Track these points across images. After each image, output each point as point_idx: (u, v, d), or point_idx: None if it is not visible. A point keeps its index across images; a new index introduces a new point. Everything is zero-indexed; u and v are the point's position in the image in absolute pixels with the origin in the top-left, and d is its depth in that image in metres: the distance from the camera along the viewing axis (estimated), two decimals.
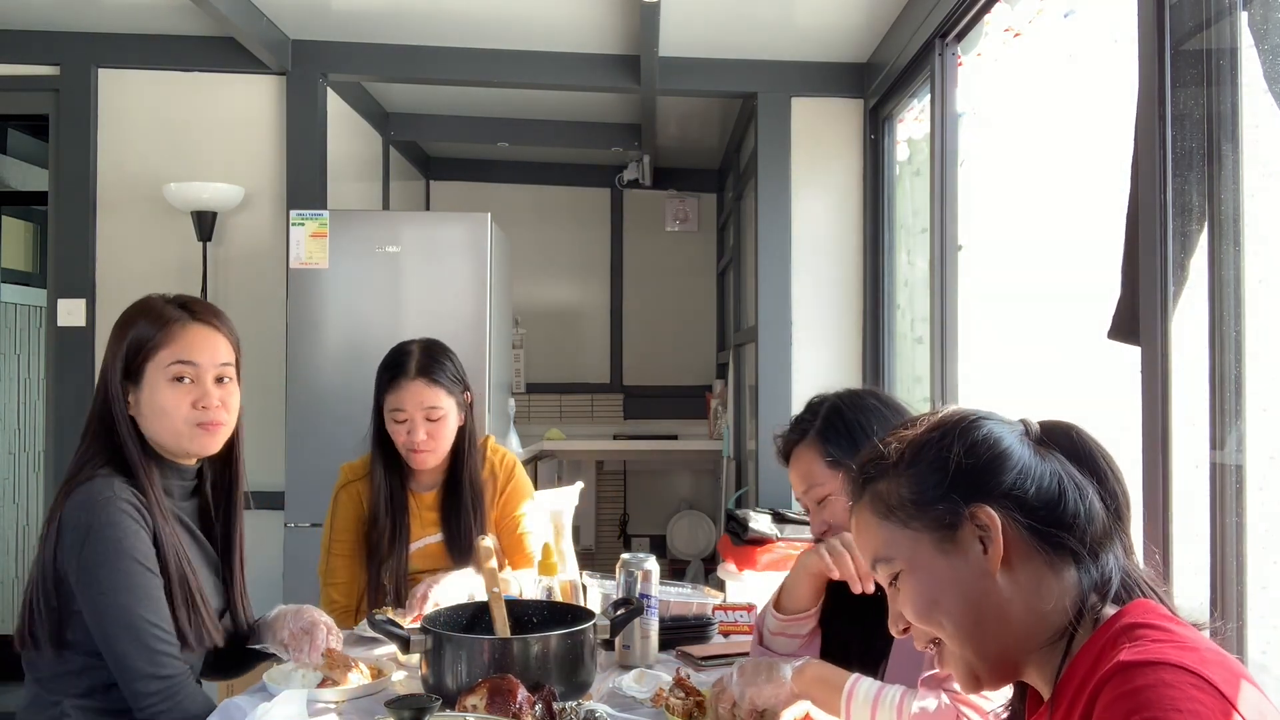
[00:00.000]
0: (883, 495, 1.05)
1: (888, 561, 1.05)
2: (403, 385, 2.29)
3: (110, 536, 1.58)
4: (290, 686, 1.71)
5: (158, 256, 3.89)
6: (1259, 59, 1.64)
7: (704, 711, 1.56)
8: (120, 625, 1.56)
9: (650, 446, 5.67)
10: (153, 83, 3.91)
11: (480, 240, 3.66)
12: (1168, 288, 1.76)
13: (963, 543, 1.00)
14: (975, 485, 1.00)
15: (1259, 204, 1.64)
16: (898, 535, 1.04)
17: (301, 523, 3.58)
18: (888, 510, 1.04)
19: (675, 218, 6.12)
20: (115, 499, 1.61)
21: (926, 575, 1.01)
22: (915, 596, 1.02)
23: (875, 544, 1.06)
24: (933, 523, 1.01)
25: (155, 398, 1.70)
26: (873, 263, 3.91)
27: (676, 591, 2.23)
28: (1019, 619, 0.98)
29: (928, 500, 1.02)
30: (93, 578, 1.57)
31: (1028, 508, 0.98)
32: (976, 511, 0.99)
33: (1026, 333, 2.89)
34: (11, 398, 5.62)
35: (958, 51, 3.07)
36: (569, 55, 3.96)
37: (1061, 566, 0.98)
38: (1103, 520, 0.99)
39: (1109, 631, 0.94)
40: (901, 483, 1.04)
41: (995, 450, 1.01)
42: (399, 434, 2.31)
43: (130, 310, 1.77)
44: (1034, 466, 1.00)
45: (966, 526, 0.99)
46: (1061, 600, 0.97)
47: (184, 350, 1.73)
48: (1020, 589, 0.98)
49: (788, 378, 3.96)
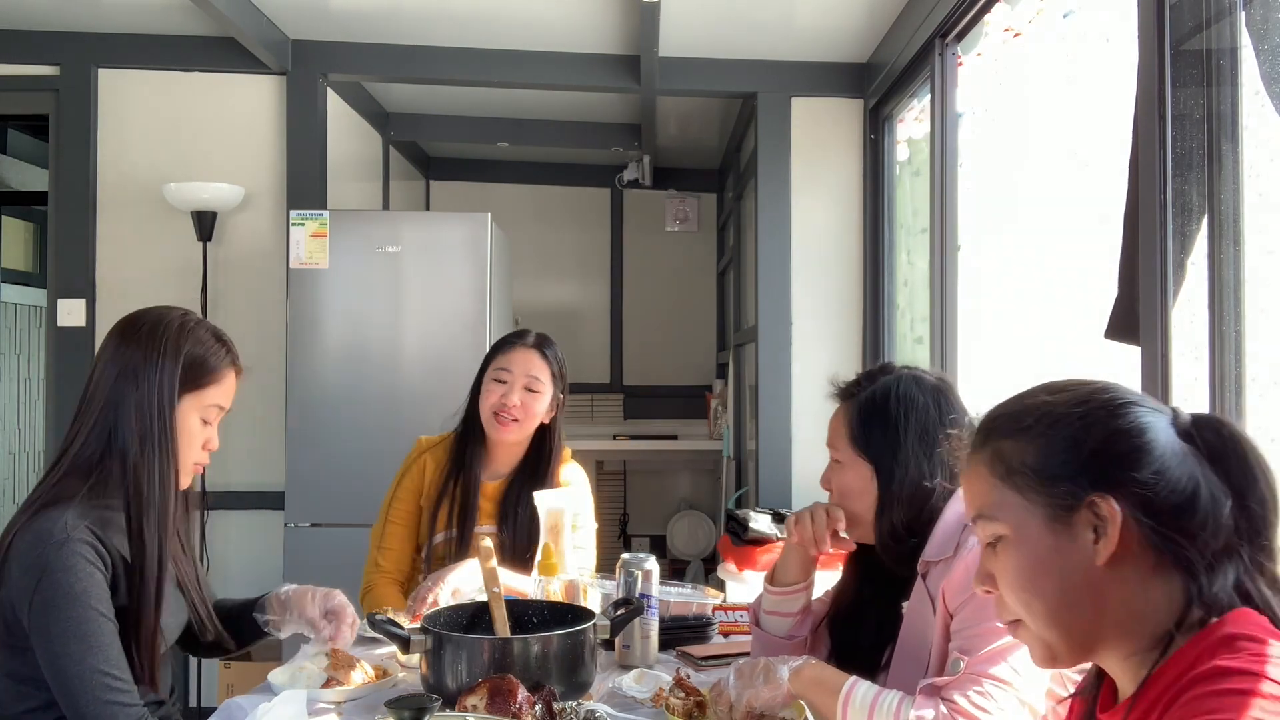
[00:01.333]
0: (1005, 454, 1.01)
1: (991, 520, 1.01)
2: (516, 347, 2.37)
3: (64, 582, 1.52)
4: (294, 686, 1.71)
5: (158, 256, 3.89)
6: (1258, 59, 1.64)
7: (704, 711, 1.56)
8: (71, 675, 1.52)
9: (650, 446, 5.67)
10: (153, 83, 3.91)
11: (480, 240, 3.66)
12: (1167, 287, 1.76)
13: (1076, 526, 0.96)
14: (1105, 473, 0.95)
15: (1259, 204, 1.64)
16: (1009, 499, 0.99)
17: (301, 523, 3.58)
18: (1007, 471, 1.00)
19: (675, 218, 6.12)
20: (70, 540, 1.54)
21: (1030, 550, 0.98)
22: (1015, 568, 0.99)
23: (983, 500, 1.02)
24: (1050, 499, 0.97)
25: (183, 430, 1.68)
26: (873, 263, 3.91)
27: (676, 591, 2.23)
28: (1114, 616, 0.95)
29: (1052, 475, 0.97)
30: (45, 624, 1.52)
31: (1153, 509, 0.94)
32: (1099, 501, 0.94)
33: (1026, 332, 2.89)
34: (11, 398, 5.62)
35: (958, 51, 3.07)
36: (569, 55, 3.96)
37: (1171, 573, 0.94)
38: (1230, 534, 0.94)
39: (1208, 639, 0.91)
40: (1029, 449, 0.99)
41: (1137, 441, 0.96)
42: (494, 393, 2.33)
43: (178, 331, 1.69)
44: (1173, 465, 0.95)
45: (1084, 512, 0.95)
46: (1163, 607, 0.94)
47: (224, 395, 1.73)
48: (1123, 587, 0.95)
49: (788, 378, 3.96)
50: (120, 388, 1.65)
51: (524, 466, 2.41)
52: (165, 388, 1.65)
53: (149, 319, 1.71)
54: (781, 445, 3.94)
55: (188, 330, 1.70)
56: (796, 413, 3.94)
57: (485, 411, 2.34)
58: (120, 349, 1.68)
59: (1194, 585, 0.93)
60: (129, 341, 1.68)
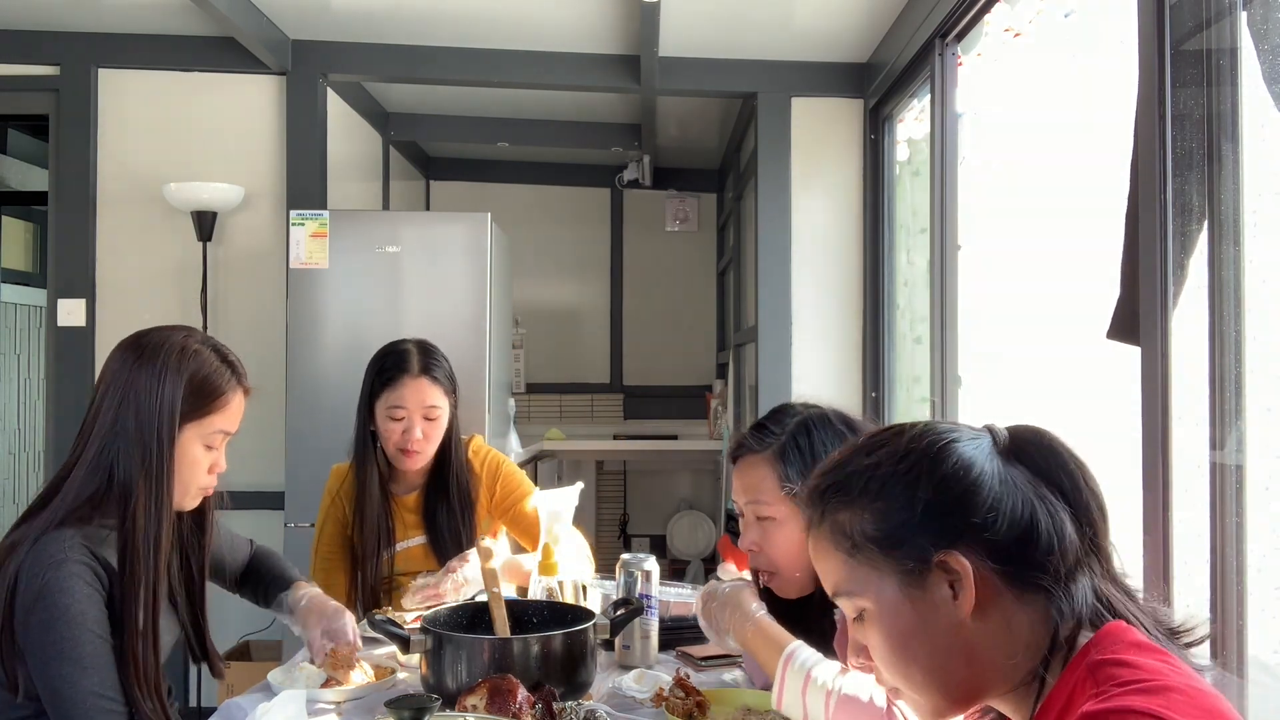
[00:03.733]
0: (844, 528, 0.99)
1: (850, 596, 1.00)
2: (404, 383, 2.28)
3: (60, 604, 1.51)
4: (293, 686, 1.71)
5: (158, 256, 3.90)
6: (1259, 59, 1.64)
7: (704, 711, 1.56)
8: (65, 698, 1.51)
9: (650, 446, 5.67)
10: (153, 83, 3.91)
11: (480, 240, 3.66)
12: (1168, 287, 1.76)
13: (931, 587, 0.95)
14: (944, 526, 0.94)
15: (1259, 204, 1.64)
16: (862, 572, 0.98)
17: (301, 523, 3.58)
18: (851, 546, 0.99)
19: (675, 218, 6.12)
20: (68, 561, 1.53)
21: (894, 619, 0.96)
22: (884, 641, 0.98)
23: (836, 577, 1.01)
24: (899, 565, 0.96)
25: (184, 460, 1.64)
26: (873, 263, 3.91)
27: (676, 591, 2.23)
28: (989, 661, 0.95)
29: (894, 541, 0.96)
30: (41, 644, 1.52)
31: (999, 549, 0.93)
32: (946, 559, 0.93)
33: (1026, 332, 2.89)
34: (11, 398, 5.62)
35: (958, 51, 3.07)
36: (569, 55, 3.96)
37: (1032, 599, 0.94)
38: (1075, 543, 0.94)
39: (1079, 668, 0.90)
40: (865, 517, 0.98)
41: (965, 483, 0.95)
42: (394, 432, 2.29)
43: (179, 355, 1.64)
44: (1005, 496, 0.95)
45: (935, 570, 0.94)
46: (1033, 636, 0.93)
47: (228, 421, 1.69)
48: (991, 631, 0.94)
49: (788, 378, 3.96)
50: (121, 415, 1.61)
51: (435, 472, 2.39)
52: (165, 419, 1.61)
53: (151, 341, 1.65)
54: None
55: (189, 354, 1.64)
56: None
57: (389, 447, 2.31)
58: (121, 373, 1.63)
59: (1055, 603, 0.93)
60: (131, 366, 1.63)
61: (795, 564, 1.58)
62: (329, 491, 2.43)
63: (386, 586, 2.35)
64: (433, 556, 2.34)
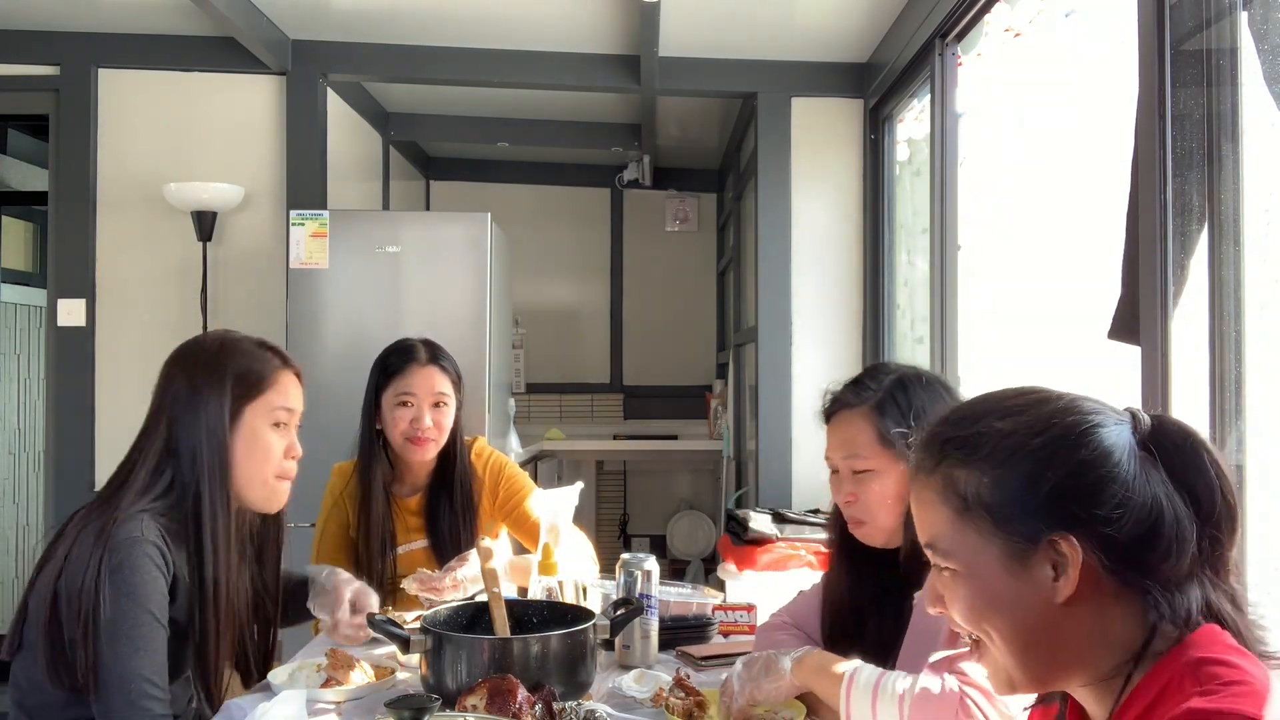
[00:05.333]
0: (958, 485, 0.95)
1: (945, 554, 0.96)
2: (413, 370, 2.30)
3: (129, 581, 1.55)
4: (293, 686, 1.71)
5: (158, 256, 3.90)
6: (1259, 59, 1.64)
7: (704, 711, 1.56)
8: (112, 672, 1.53)
9: (650, 446, 5.67)
10: (153, 83, 3.91)
11: (480, 240, 3.66)
12: (1168, 288, 1.76)
13: (1033, 565, 0.91)
14: (1064, 510, 0.90)
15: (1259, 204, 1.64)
16: (963, 534, 0.95)
17: (301, 522, 3.56)
18: (962, 505, 0.95)
19: (675, 218, 6.12)
20: (143, 540, 1.57)
21: (983, 587, 0.94)
22: (966, 603, 0.95)
23: (935, 530, 0.98)
24: (1007, 538, 0.92)
25: (256, 441, 1.69)
26: (873, 263, 3.91)
27: (676, 591, 2.23)
28: (1072, 649, 0.92)
29: (1009, 513, 0.92)
30: (96, 616, 1.53)
31: (1115, 544, 0.90)
32: (1059, 540, 0.90)
33: (1026, 332, 2.89)
34: (11, 398, 5.62)
35: (958, 51, 3.07)
36: (569, 55, 3.96)
37: (1133, 601, 0.91)
38: (1193, 553, 0.91)
39: (1175, 664, 0.88)
40: (985, 481, 0.94)
41: (1098, 472, 0.90)
42: (402, 420, 2.28)
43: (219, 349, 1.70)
44: (1135, 492, 0.90)
45: (1042, 550, 0.91)
46: (1124, 635, 0.91)
47: (285, 397, 1.73)
48: (1082, 621, 0.91)
49: (788, 378, 3.96)
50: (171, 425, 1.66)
51: (439, 475, 2.38)
52: (217, 410, 1.66)
53: (191, 347, 1.73)
54: (781, 445, 3.94)
55: (229, 346, 1.71)
56: (796, 413, 3.94)
57: (396, 438, 2.30)
58: (171, 382, 1.69)
59: (1154, 613, 0.90)
60: (178, 373, 1.69)
61: (889, 515, 1.57)
62: (331, 491, 2.43)
63: (389, 588, 2.34)
64: (434, 559, 2.34)
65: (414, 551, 2.37)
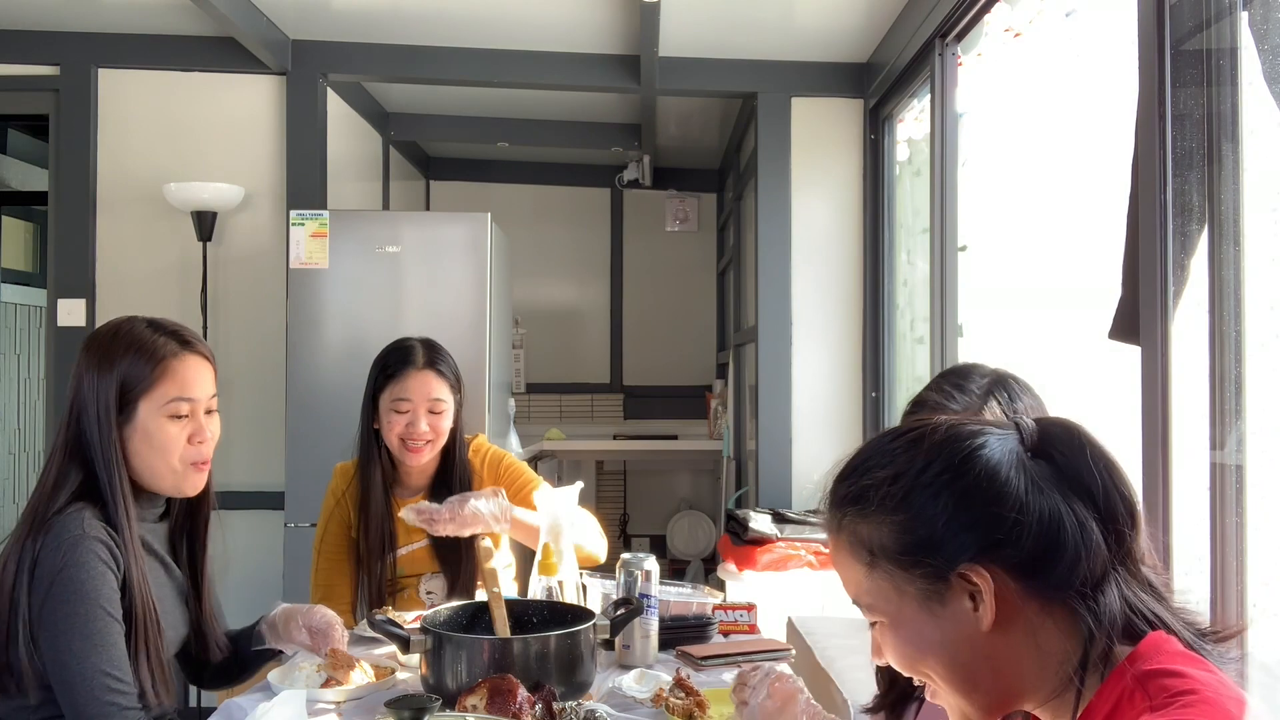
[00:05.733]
0: (863, 539, 0.96)
1: (869, 608, 0.98)
2: (409, 375, 2.27)
3: (76, 579, 1.53)
4: (294, 686, 1.71)
5: (158, 256, 3.90)
6: (1259, 59, 1.64)
7: (704, 711, 1.56)
8: (73, 673, 1.52)
9: (650, 446, 5.67)
10: (153, 83, 3.91)
11: (480, 240, 3.66)
12: (1168, 288, 1.76)
13: (951, 600, 0.92)
14: (966, 540, 0.91)
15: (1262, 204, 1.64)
16: (880, 585, 0.96)
17: (301, 522, 3.58)
18: (870, 557, 0.96)
19: (675, 218, 6.12)
20: (85, 538, 1.55)
21: (911, 633, 0.95)
22: (899, 650, 0.96)
23: (855, 586, 0.99)
24: (919, 579, 0.93)
25: (152, 435, 1.65)
26: (873, 263, 3.91)
27: (676, 591, 2.23)
28: (1014, 673, 0.92)
29: (913, 556, 0.93)
30: (52, 619, 1.52)
31: (1023, 562, 0.90)
32: (967, 573, 0.91)
33: (1027, 332, 2.89)
34: (11, 398, 5.62)
35: (958, 51, 3.07)
36: (569, 55, 3.96)
37: (1057, 611, 0.91)
38: (1102, 552, 0.91)
39: (1124, 680, 0.87)
40: (883, 531, 0.95)
41: (989, 493, 0.91)
42: (397, 425, 2.27)
43: (111, 339, 1.66)
44: (1030, 506, 0.91)
45: (955, 583, 0.92)
46: (1061, 647, 0.91)
47: (181, 386, 1.67)
48: (1015, 644, 0.92)
49: (788, 378, 3.96)
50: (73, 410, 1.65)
51: (439, 477, 2.37)
52: (105, 404, 1.63)
53: (90, 338, 1.69)
54: (781, 445, 3.94)
55: (122, 334, 1.66)
56: (796, 413, 3.94)
57: (392, 442, 2.28)
58: (75, 370, 1.67)
59: (1082, 621, 0.90)
60: (80, 361, 1.67)
61: None
62: (332, 492, 2.42)
63: (390, 589, 2.34)
64: (436, 559, 2.34)
65: (415, 551, 2.37)
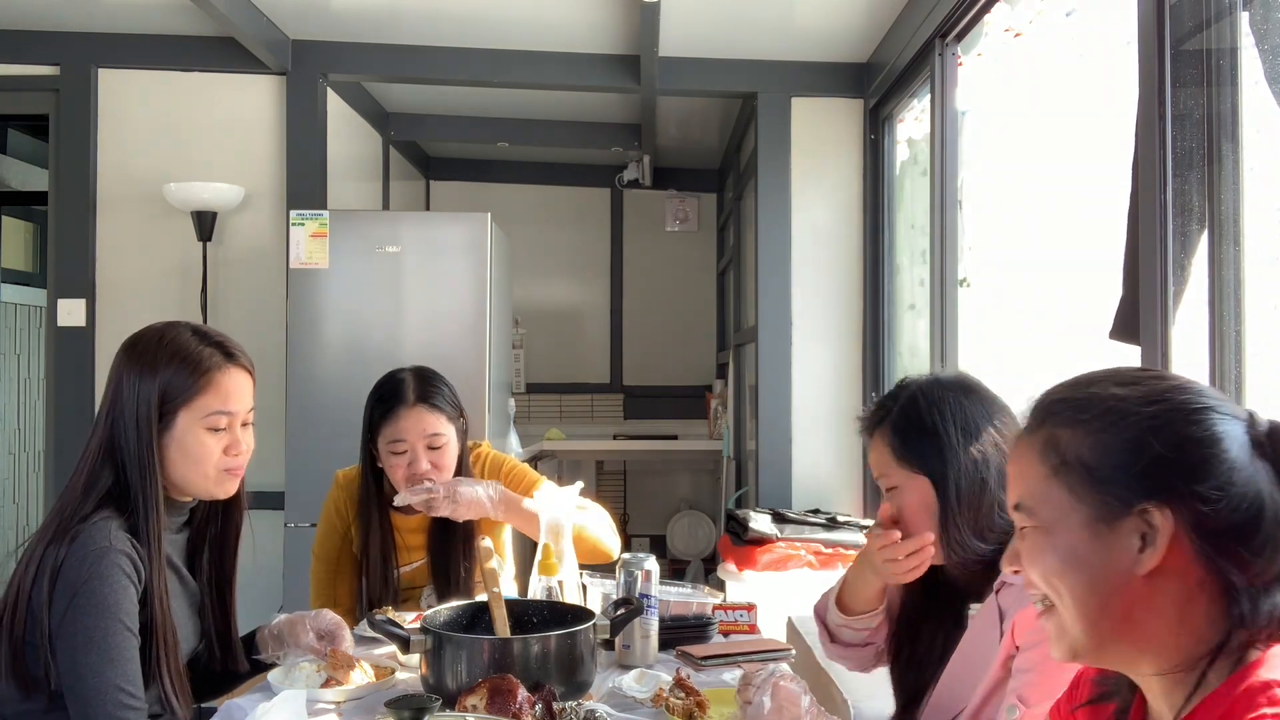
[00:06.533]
0: (1059, 444, 0.94)
1: (1029, 512, 0.95)
2: (401, 414, 2.17)
3: (99, 592, 1.52)
4: (294, 686, 1.71)
5: (158, 256, 3.90)
6: (1259, 59, 1.64)
7: (704, 711, 1.56)
8: (87, 685, 1.52)
9: (650, 446, 5.67)
10: (153, 83, 3.91)
11: (480, 240, 3.66)
12: (1168, 288, 1.76)
13: (1120, 532, 0.89)
14: (1165, 481, 0.88)
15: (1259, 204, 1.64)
16: (1054, 494, 0.93)
17: (301, 523, 3.58)
18: (1058, 463, 0.93)
19: (675, 218, 6.12)
20: (111, 550, 1.54)
21: (1064, 546, 0.92)
22: (1044, 559, 0.93)
23: (1027, 490, 0.96)
24: (1099, 500, 0.90)
25: (189, 445, 1.64)
26: (873, 263, 3.91)
27: (676, 591, 2.23)
28: (1146, 628, 0.89)
29: (1106, 477, 0.90)
30: (71, 631, 1.52)
31: (1210, 526, 0.87)
32: (1153, 510, 0.88)
33: (1027, 333, 2.89)
34: (11, 398, 5.62)
35: (958, 51, 3.07)
36: (569, 55, 3.96)
37: (1216, 592, 0.88)
38: None
39: (1244, 681, 0.84)
40: (1087, 442, 0.92)
41: (1207, 452, 0.89)
42: (398, 467, 2.17)
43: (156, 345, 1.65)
44: (1240, 481, 0.88)
45: (1133, 518, 0.89)
46: (1201, 627, 0.88)
47: (223, 399, 1.66)
48: (1160, 601, 0.89)
49: (788, 378, 3.96)
50: (112, 413, 1.64)
51: None
52: (144, 410, 1.62)
53: (138, 338, 1.67)
54: (781, 445, 3.94)
55: (167, 342, 1.65)
56: (796, 413, 3.94)
57: (399, 484, 2.19)
58: (114, 373, 1.66)
59: (1237, 609, 0.87)
60: (120, 364, 1.66)
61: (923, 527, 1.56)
62: (332, 501, 2.38)
63: (391, 603, 2.32)
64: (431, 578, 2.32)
65: (416, 569, 2.35)
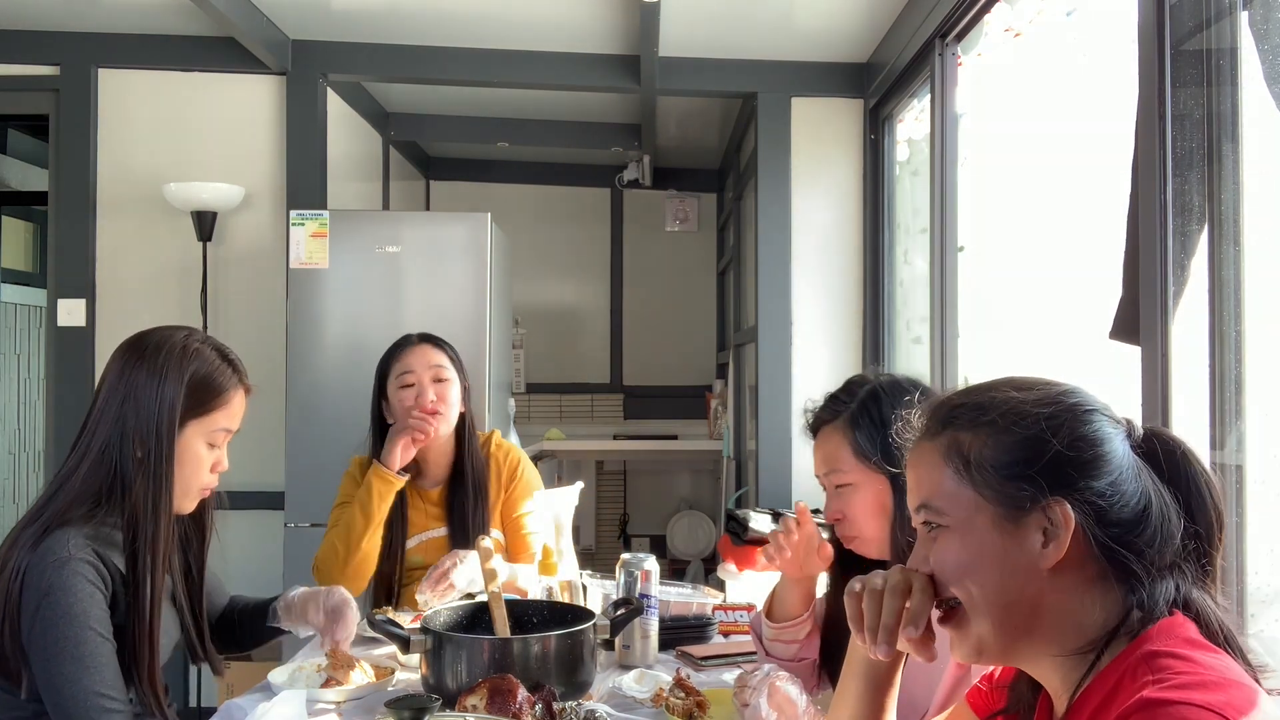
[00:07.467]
0: (962, 446, 0.99)
1: (937, 512, 1.00)
2: (409, 348, 2.36)
3: (63, 603, 1.52)
4: (294, 686, 1.71)
5: (158, 256, 3.89)
6: (1259, 59, 1.64)
7: (704, 711, 1.56)
8: (65, 696, 1.52)
9: (650, 446, 5.67)
10: (153, 83, 3.91)
11: (480, 240, 3.66)
12: (1168, 288, 1.76)
13: (1025, 527, 0.95)
14: (1064, 477, 0.94)
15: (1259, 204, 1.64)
16: (961, 493, 0.98)
17: (301, 523, 3.58)
18: (963, 464, 0.98)
19: (675, 218, 6.12)
20: (71, 560, 1.53)
21: (973, 545, 0.97)
22: (953, 559, 0.98)
23: (930, 489, 1.01)
24: (1004, 498, 0.96)
25: (186, 458, 1.65)
26: (873, 263, 3.91)
27: (676, 591, 2.23)
28: (1051, 619, 0.95)
29: (1010, 474, 0.96)
30: (42, 642, 1.52)
31: (1106, 520, 0.94)
32: (1055, 505, 0.93)
33: (1027, 333, 2.89)
34: (11, 398, 5.62)
35: (958, 51, 3.07)
36: (569, 55, 3.96)
37: (1112, 584, 0.94)
38: (1176, 548, 0.95)
39: (1130, 657, 0.90)
40: (990, 443, 0.98)
41: (1097, 451, 0.95)
42: (406, 399, 2.30)
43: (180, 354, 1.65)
44: (1128, 478, 0.95)
45: (1036, 514, 0.94)
46: (1099, 615, 0.94)
47: (230, 419, 1.70)
48: (1063, 592, 0.94)
49: (788, 378, 3.96)
50: (123, 414, 1.62)
51: (458, 465, 2.40)
52: (166, 415, 1.62)
53: (153, 341, 1.66)
54: (781, 445, 3.94)
55: (190, 353, 1.66)
56: (796, 413, 3.93)
57: (403, 418, 2.29)
58: (123, 373, 1.64)
59: (1134, 597, 0.93)
60: (133, 365, 1.64)
61: (875, 527, 1.57)
62: (350, 476, 2.43)
63: (400, 584, 2.35)
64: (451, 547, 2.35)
65: (432, 540, 2.38)
